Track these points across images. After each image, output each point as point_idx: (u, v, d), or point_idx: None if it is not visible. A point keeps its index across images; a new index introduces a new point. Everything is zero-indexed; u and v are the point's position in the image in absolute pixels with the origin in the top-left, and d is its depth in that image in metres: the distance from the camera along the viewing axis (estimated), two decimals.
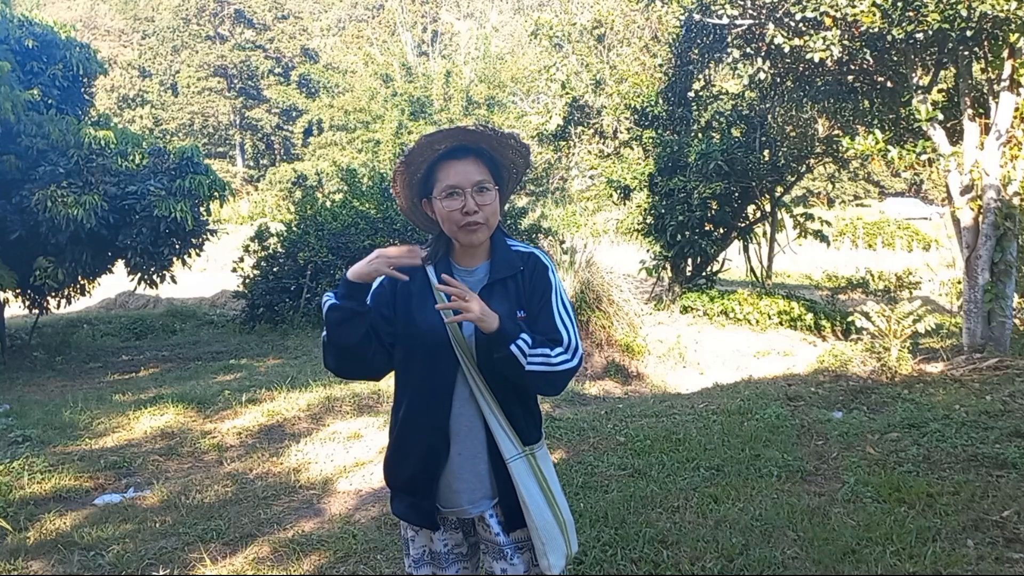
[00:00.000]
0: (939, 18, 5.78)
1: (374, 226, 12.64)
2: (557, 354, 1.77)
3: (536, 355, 1.73)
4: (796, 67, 7.62)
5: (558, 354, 1.77)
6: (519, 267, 1.87)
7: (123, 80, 44.80)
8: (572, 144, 12.55)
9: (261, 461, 4.93)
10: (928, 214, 29.92)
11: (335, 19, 49.57)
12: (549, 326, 1.81)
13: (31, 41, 9.58)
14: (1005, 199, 6.43)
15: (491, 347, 1.72)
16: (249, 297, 12.39)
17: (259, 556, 3.48)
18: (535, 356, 1.73)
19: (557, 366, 1.76)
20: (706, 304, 10.14)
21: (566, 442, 4.92)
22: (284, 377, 7.45)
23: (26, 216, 8.70)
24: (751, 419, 5.12)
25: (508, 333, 1.70)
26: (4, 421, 6.05)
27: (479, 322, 1.68)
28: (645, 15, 11.66)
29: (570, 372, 1.79)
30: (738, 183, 10.39)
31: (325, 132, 35.85)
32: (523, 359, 1.71)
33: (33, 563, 3.48)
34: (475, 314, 1.67)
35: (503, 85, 28.19)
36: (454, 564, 1.93)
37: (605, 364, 8.19)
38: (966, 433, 4.44)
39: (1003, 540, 3.14)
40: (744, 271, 11.96)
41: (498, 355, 1.72)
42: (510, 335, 1.70)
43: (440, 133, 1.81)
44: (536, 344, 1.74)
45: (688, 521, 3.53)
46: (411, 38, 37.55)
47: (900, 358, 6.24)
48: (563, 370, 1.77)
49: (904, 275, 9.75)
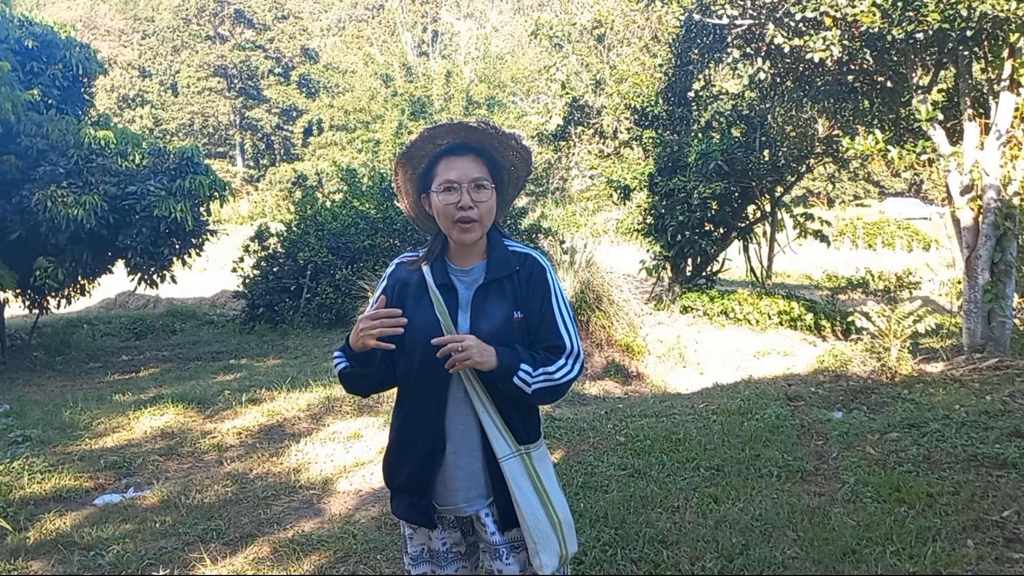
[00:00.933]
0: (939, 18, 5.78)
1: (374, 226, 12.65)
2: (558, 368, 1.81)
3: (538, 377, 1.77)
4: (796, 67, 7.62)
5: (559, 368, 1.81)
6: (515, 267, 1.87)
7: (123, 80, 44.81)
8: (572, 144, 12.54)
9: (261, 461, 4.93)
10: (928, 214, 29.91)
11: (335, 19, 49.59)
12: (552, 331, 1.84)
13: (31, 41, 9.58)
14: (1005, 199, 6.43)
15: (495, 381, 1.77)
16: (249, 297, 12.40)
17: (259, 556, 3.48)
18: (537, 379, 1.77)
19: (560, 380, 1.80)
20: (706, 304, 10.14)
21: (566, 442, 4.92)
22: (284, 377, 7.45)
23: (26, 216, 8.70)
24: (751, 419, 5.12)
25: (508, 368, 1.74)
26: (4, 421, 6.05)
27: (478, 365, 1.72)
28: (645, 15, 11.66)
29: (572, 381, 1.84)
30: (738, 183, 10.39)
31: (325, 132, 35.90)
32: (527, 388, 1.76)
33: (33, 563, 3.48)
34: (472, 359, 1.70)
35: (503, 85, 28.23)
36: (453, 563, 1.93)
37: (605, 364, 8.18)
38: (966, 433, 4.44)
39: (1003, 540, 3.14)
40: (744, 271, 11.96)
41: (503, 386, 1.77)
42: (510, 369, 1.74)
43: (443, 127, 1.83)
44: (537, 365, 1.78)
45: (688, 521, 3.53)
46: (411, 38, 37.56)
47: (900, 358, 6.24)
48: (565, 382, 1.82)
49: (904, 275, 9.74)
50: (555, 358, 1.82)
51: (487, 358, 1.72)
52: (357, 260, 12.03)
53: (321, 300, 11.61)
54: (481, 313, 1.83)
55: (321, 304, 11.63)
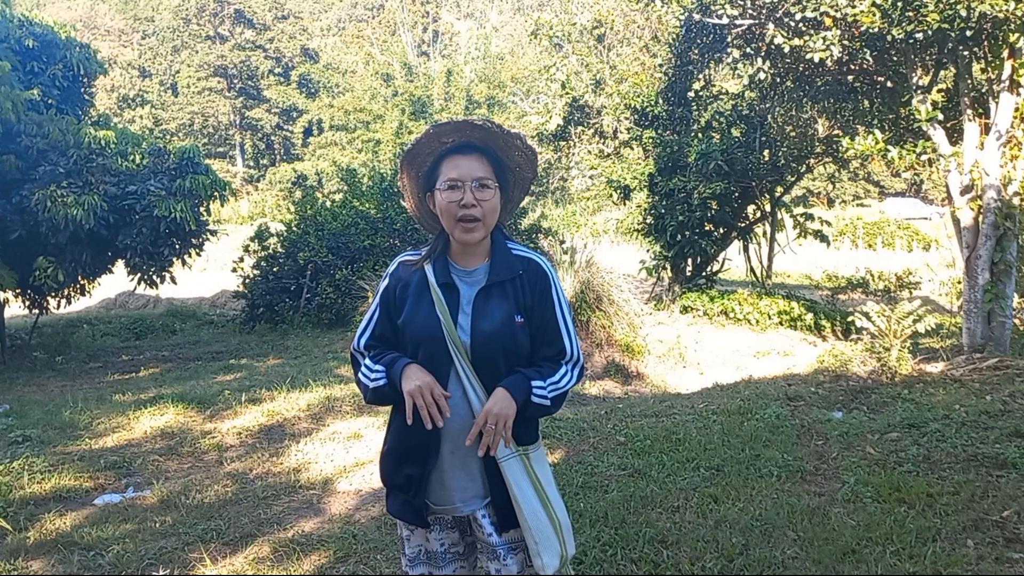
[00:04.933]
0: (939, 18, 5.78)
1: (374, 226, 12.65)
2: (561, 376, 1.88)
3: (549, 388, 1.84)
4: (796, 67, 7.62)
5: (562, 376, 1.88)
6: (518, 271, 1.88)
7: (123, 80, 44.79)
8: (572, 144, 12.54)
9: (261, 461, 4.93)
10: (928, 214, 29.90)
11: (335, 19, 49.56)
12: (555, 338, 1.89)
13: (31, 41, 9.58)
14: (1005, 199, 6.43)
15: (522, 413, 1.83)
16: (249, 297, 12.40)
17: (259, 556, 3.48)
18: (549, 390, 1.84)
19: (564, 387, 1.88)
20: (706, 304, 10.15)
21: (566, 442, 4.92)
22: (284, 377, 7.45)
23: (26, 216, 8.69)
24: (751, 419, 5.12)
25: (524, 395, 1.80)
26: (4, 421, 6.05)
27: (509, 418, 1.77)
28: (645, 15, 11.66)
29: (574, 386, 1.93)
30: (738, 183, 10.40)
31: (325, 132, 35.90)
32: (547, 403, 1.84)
33: (33, 563, 3.48)
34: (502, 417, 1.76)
35: (503, 85, 28.22)
36: (451, 563, 1.93)
37: (605, 364, 8.19)
38: (966, 433, 4.44)
39: (1003, 540, 3.14)
40: (744, 271, 11.96)
41: (529, 413, 1.84)
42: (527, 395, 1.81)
43: (447, 125, 1.83)
44: (544, 377, 1.85)
45: (688, 521, 3.53)
46: (411, 38, 37.56)
47: (900, 358, 6.24)
48: (570, 388, 1.90)
49: (904, 275, 9.76)
50: (556, 367, 1.88)
51: (508, 405, 1.77)
52: (357, 260, 12.03)
53: (321, 300, 11.61)
54: (482, 314, 1.83)
55: (321, 304, 11.63)
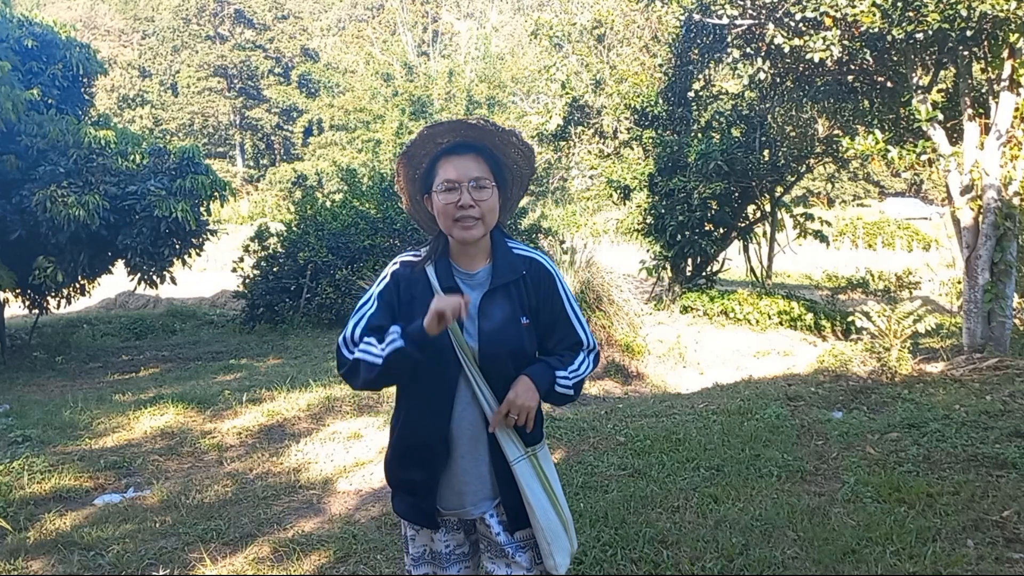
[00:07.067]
0: (939, 18, 5.78)
1: (374, 226, 12.64)
2: (580, 363, 1.91)
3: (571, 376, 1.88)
4: (796, 67, 7.62)
5: (580, 363, 1.91)
6: (521, 271, 1.87)
7: (123, 80, 44.76)
8: (572, 144, 12.53)
9: (261, 461, 4.93)
10: (928, 214, 29.89)
11: (335, 19, 49.53)
12: (569, 331, 1.92)
13: (31, 41, 9.57)
14: (1005, 199, 6.43)
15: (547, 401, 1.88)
16: (249, 297, 12.40)
17: (259, 556, 3.48)
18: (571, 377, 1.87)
19: (583, 374, 1.92)
20: (706, 304, 10.14)
21: (566, 442, 4.92)
22: (284, 377, 7.45)
23: (26, 216, 8.69)
24: (751, 419, 5.12)
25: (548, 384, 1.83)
26: (4, 421, 6.05)
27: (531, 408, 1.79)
28: (645, 15, 11.65)
29: (592, 371, 1.97)
30: (738, 183, 10.39)
31: (325, 132, 35.89)
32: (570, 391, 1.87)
33: (33, 563, 3.48)
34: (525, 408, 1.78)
35: (503, 85, 28.21)
36: (456, 564, 1.93)
37: (605, 364, 8.18)
38: (966, 433, 4.44)
39: (1003, 540, 3.14)
40: (744, 271, 11.96)
41: (552, 402, 1.88)
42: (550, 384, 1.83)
43: (442, 125, 1.82)
44: (565, 365, 1.88)
45: (688, 521, 3.53)
46: (411, 38, 37.55)
47: (900, 358, 6.24)
48: (588, 374, 1.95)
49: (904, 275, 9.75)
50: (575, 355, 1.91)
51: (532, 396, 1.78)
52: (357, 260, 12.03)
53: (321, 300, 11.61)
54: (488, 318, 1.82)
55: (321, 304, 11.63)
